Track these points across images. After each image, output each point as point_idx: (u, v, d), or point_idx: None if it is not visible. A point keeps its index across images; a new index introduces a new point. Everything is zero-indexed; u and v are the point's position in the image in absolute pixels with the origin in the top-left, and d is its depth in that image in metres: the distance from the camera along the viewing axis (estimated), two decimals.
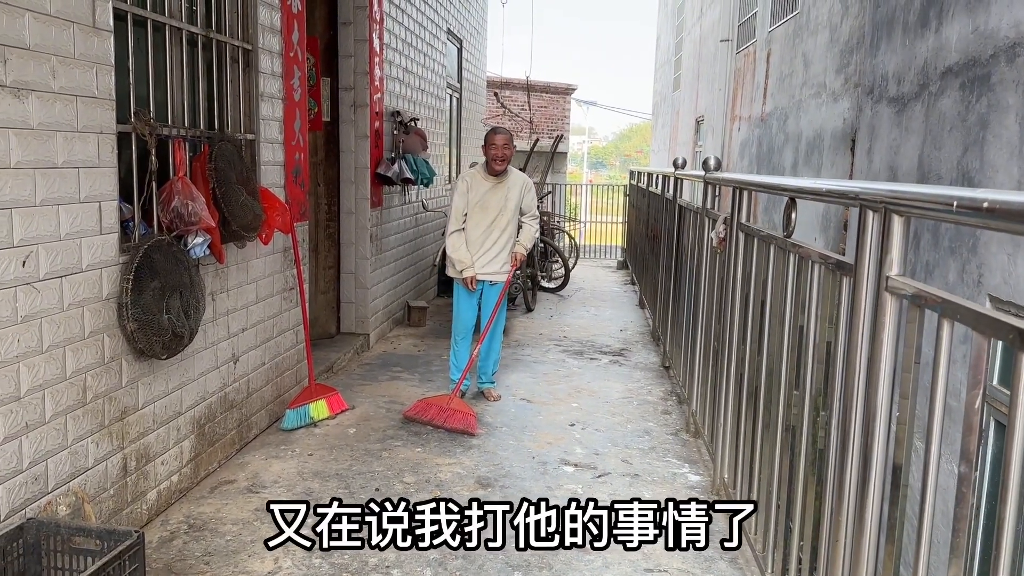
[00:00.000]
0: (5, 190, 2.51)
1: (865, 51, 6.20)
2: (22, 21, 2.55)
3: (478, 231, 5.10)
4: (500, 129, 5.11)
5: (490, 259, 5.15)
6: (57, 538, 2.56)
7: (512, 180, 5.17)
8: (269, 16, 4.37)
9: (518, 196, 5.17)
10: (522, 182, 5.21)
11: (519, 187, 5.18)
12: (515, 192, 5.16)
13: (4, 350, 2.54)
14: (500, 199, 5.10)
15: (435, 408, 4.72)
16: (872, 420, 1.89)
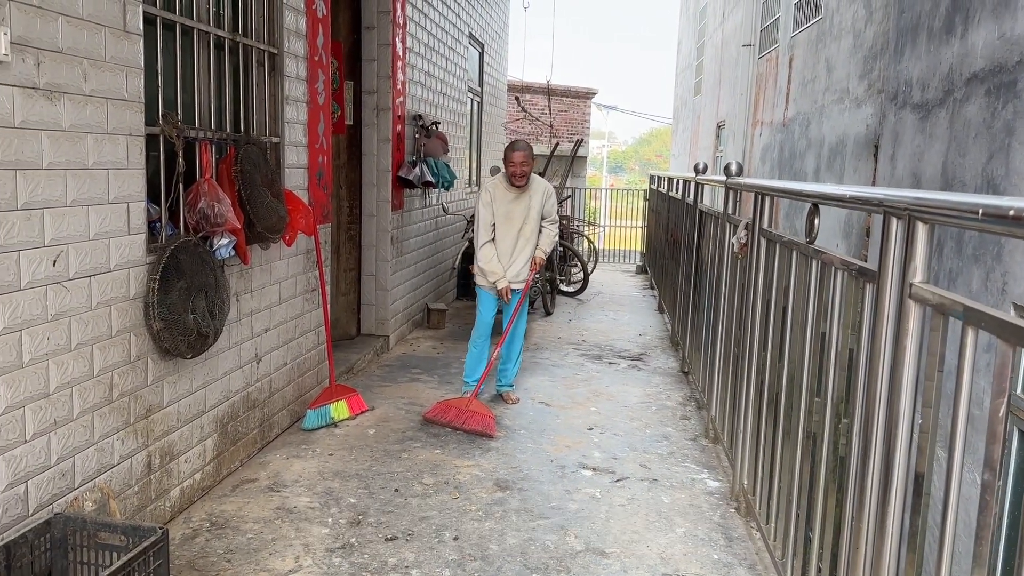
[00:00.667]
0: (37, 191, 2.56)
1: (889, 57, 6.17)
2: (55, 25, 2.60)
3: (506, 242, 5.15)
4: (518, 144, 5.09)
5: (519, 268, 5.20)
6: (83, 533, 2.60)
7: (534, 188, 5.19)
8: (295, 20, 4.42)
9: (540, 204, 5.20)
10: (543, 189, 5.23)
11: (541, 194, 5.21)
12: (537, 200, 5.19)
13: (35, 348, 2.59)
14: (523, 208, 5.14)
15: (454, 410, 4.74)
16: (894, 428, 1.89)
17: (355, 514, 3.56)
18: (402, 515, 3.57)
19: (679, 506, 3.77)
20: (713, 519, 3.64)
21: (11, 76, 2.42)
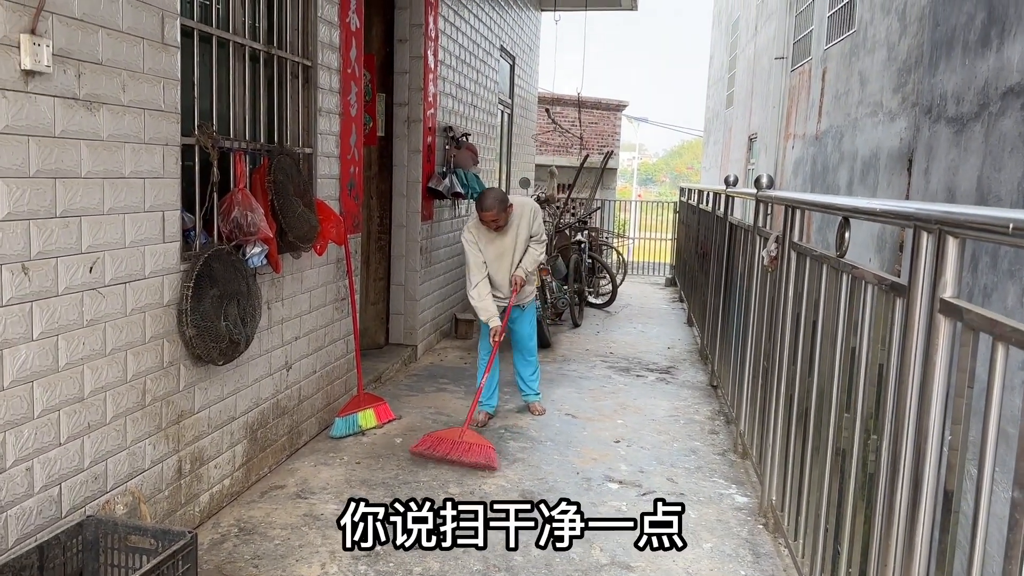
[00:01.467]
0: (76, 199, 2.62)
1: (923, 70, 6.10)
2: (96, 37, 2.67)
3: (500, 275, 5.03)
4: (486, 204, 4.81)
5: (524, 292, 5.14)
6: (114, 536, 2.64)
7: (517, 218, 4.99)
8: (328, 34, 4.48)
9: (527, 229, 5.03)
10: (528, 212, 5.02)
11: (526, 219, 5.01)
12: (523, 227, 5.01)
13: (70, 352, 2.64)
14: (511, 240, 4.99)
15: (447, 443, 4.35)
16: (924, 444, 1.86)
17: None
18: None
19: (706, 521, 3.74)
20: (741, 535, 3.60)
21: (52, 87, 2.49)
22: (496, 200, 4.83)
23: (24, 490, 2.49)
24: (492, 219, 4.83)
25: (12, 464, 2.43)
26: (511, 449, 4.61)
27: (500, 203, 4.82)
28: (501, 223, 4.87)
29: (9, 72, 2.33)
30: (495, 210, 4.80)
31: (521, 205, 5.02)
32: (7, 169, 2.34)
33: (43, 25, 2.43)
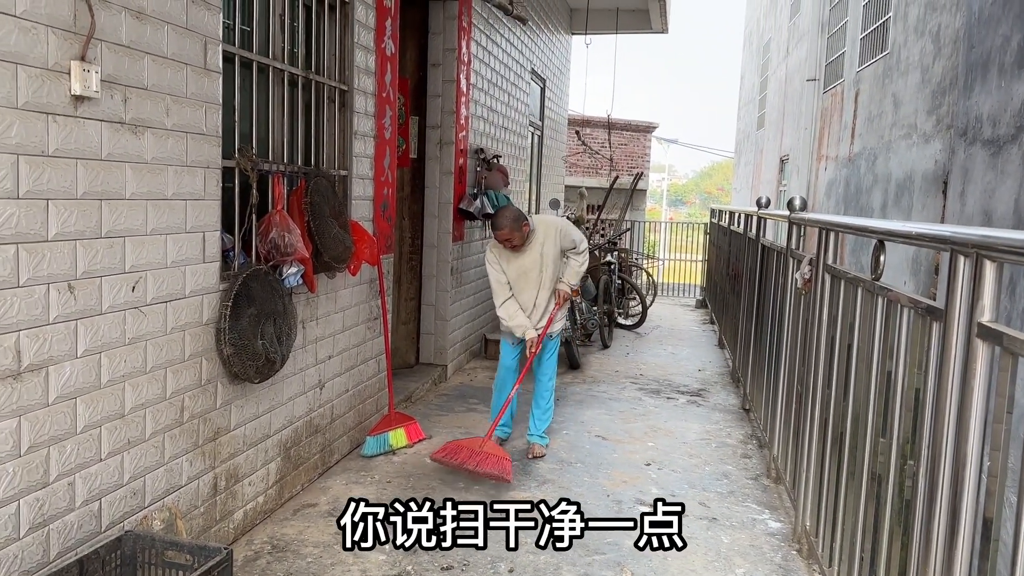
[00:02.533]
0: (120, 219, 2.69)
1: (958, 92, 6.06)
2: (142, 63, 2.75)
3: (526, 294, 4.87)
4: (498, 223, 4.68)
5: (540, 316, 4.93)
6: (152, 551, 2.69)
7: (541, 236, 4.81)
8: (364, 59, 4.57)
9: (554, 247, 4.83)
10: (553, 231, 4.83)
11: (552, 237, 4.81)
12: (549, 246, 4.81)
13: (112, 370, 2.70)
14: (535, 259, 4.81)
15: (466, 451, 4.37)
16: (962, 470, 1.85)
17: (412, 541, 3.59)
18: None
19: (739, 546, 3.70)
20: (774, 560, 3.56)
21: (100, 111, 2.57)
22: (508, 219, 4.67)
23: (66, 504, 2.54)
24: (505, 238, 4.69)
25: (55, 479, 2.49)
26: (541, 470, 4.61)
27: (514, 221, 4.66)
28: (516, 242, 4.71)
29: (60, 97, 2.41)
30: (507, 228, 4.65)
31: (547, 224, 4.86)
32: (56, 191, 2.41)
33: (92, 52, 2.51)
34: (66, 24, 2.40)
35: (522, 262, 4.82)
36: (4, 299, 2.26)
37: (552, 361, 5.09)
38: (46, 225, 2.39)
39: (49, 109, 2.37)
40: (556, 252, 4.84)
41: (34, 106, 2.31)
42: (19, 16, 2.24)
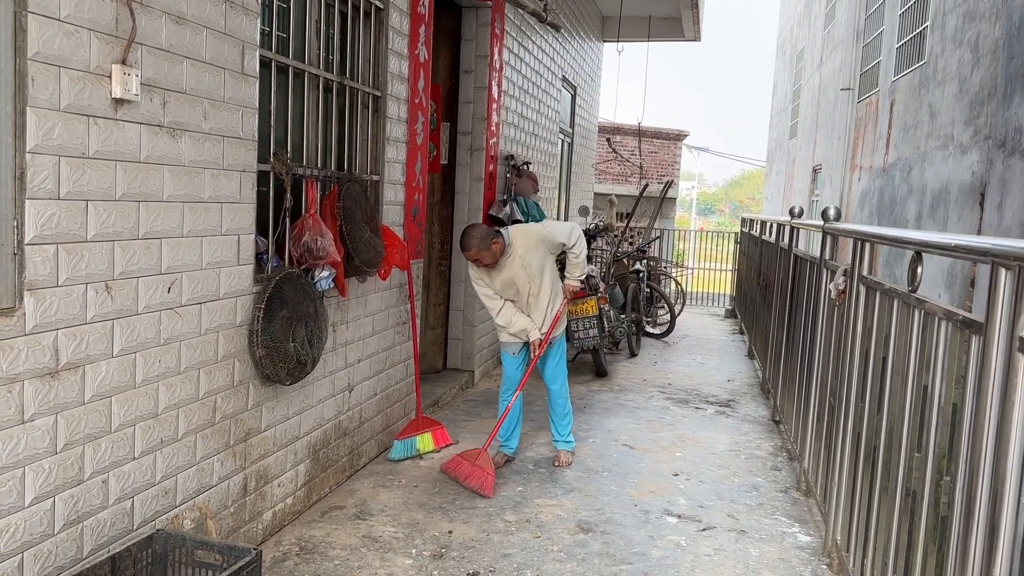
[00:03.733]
0: (157, 221, 2.73)
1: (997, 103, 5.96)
2: (181, 67, 2.79)
3: (518, 305, 4.74)
4: (465, 242, 4.43)
5: (538, 321, 4.74)
6: (182, 550, 2.71)
7: (520, 250, 4.58)
8: (398, 65, 4.60)
9: (537, 256, 4.60)
10: (534, 242, 4.59)
11: (533, 248, 4.59)
12: (532, 257, 4.59)
13: (147, 370, 2.73)
14: (518, 273, 4.60)
15: (465, 464, 4.42)
16: (1001, 487, 1.81)
17: (438, 547, 3.60)
18: (484, 551, 3.58)
19: (768, 560, 3.66)
20: (804, 574, 3.52)
21: (139, 114, 2.61)
22: (475, 239, 4.42)
23: (99, 502, 2.57)
24: (474, 258, 4.48)
25: (89, 476, 2.52)
26: (567, 478, 4.60)
27: (480, 241, 4.41)
28: (487, 261, 4.48)
29: (101, 100, 2.45)
30: (473, 248, 4.42)
31: (525, 235, 4.60)
32: (95, 192, 2.45)
33: (133, 56, 2.55)
34: (108, 28, 2.44)
35: (504, 276, 4.63)
36: (43, 298, 2.30)
37: (560, 366, 4.94)
38: (85, 226, 2.43)
39: (90, 111, 2.41)
40: (542, 261, 4.63)
41: (76, 108, 2.36)
42: (63, 20, 2.29)
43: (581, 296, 6.78)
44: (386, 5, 4.40)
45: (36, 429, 2.31)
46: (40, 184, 2.26)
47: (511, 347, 4.82)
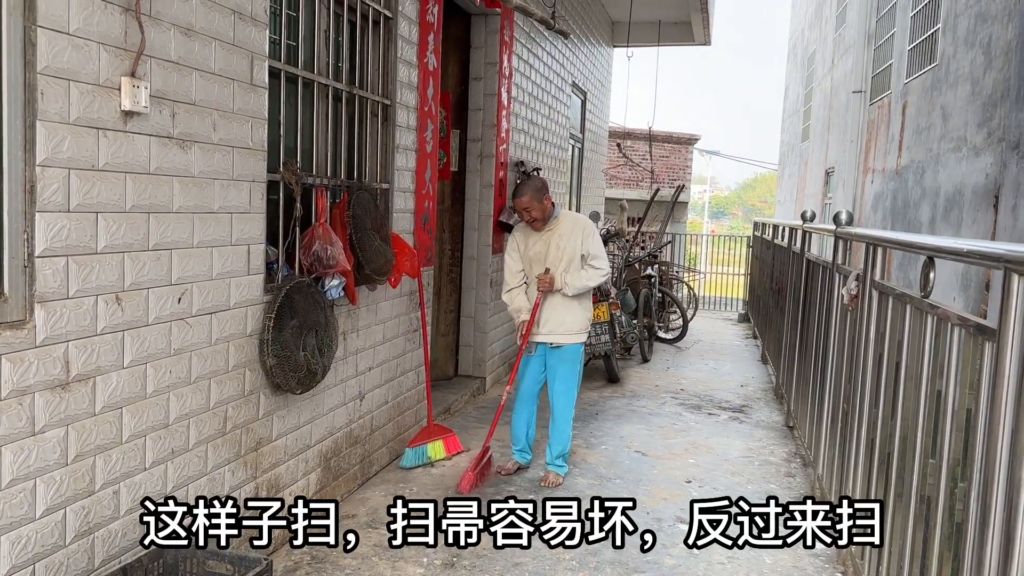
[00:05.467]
0: (167, 232, 2.74)
1: (1010, 104, 5.92)
2: (190, 79, 2.80)
3: (533, 287, 4.61)
4: (519, 190, 4.51)
5: (547, 320, 4.56)
6: (193, 560, 2.71)
7: (562, 227, 4.53)
8: (407, 73, 4.61)
9: (573, 244, 4.50)
10: (578, 227, 4.54)
11: (572, 233, 4.51)
12: (568, 240, 4.50)
13: (158, 380, 2.74)
14: (552, 249, 4.51)
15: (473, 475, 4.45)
16: (1016, 494, 1.79)
17: (449, 556, 3.58)
18: (496, 560, 3.57)
19: (782, 567, 3.63)
20: None
21: (149, 126, 2.62)
22: (530, 188, 4.45)
23: (111, 512, 2.58)
24: (524, 207, 4.45)
25: (100, 487, 2.53)
26: (579, 485, 4.58)
27: (535, 191, 4.43)
28: (535, 214, 4.46)
29: (110, 112, 2.46)
30: (527, 196, 4.43)
31: (575, 219, 4.63)
32: (105, 204, 2.46)
33: (142, 68, 2.56)
34: (117, 41, 2.46)
35: (535, 249, 4.56)
36: (54, 310, 2.31)
37: (569, 381, 4.65)
38: (95, 238, 2.44)
39: (99, 124, 2.42)
40: (572, 253, 4.51)
41: (85, 121, 2.37)
42: (72, 34, 2.30)
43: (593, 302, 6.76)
44: (395, 14, 4.42)
45: (47, 441, 2.32)
46: (50, 197, 2.27)
47: (530, 346, 4.65)
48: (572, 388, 4.68)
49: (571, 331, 4.62)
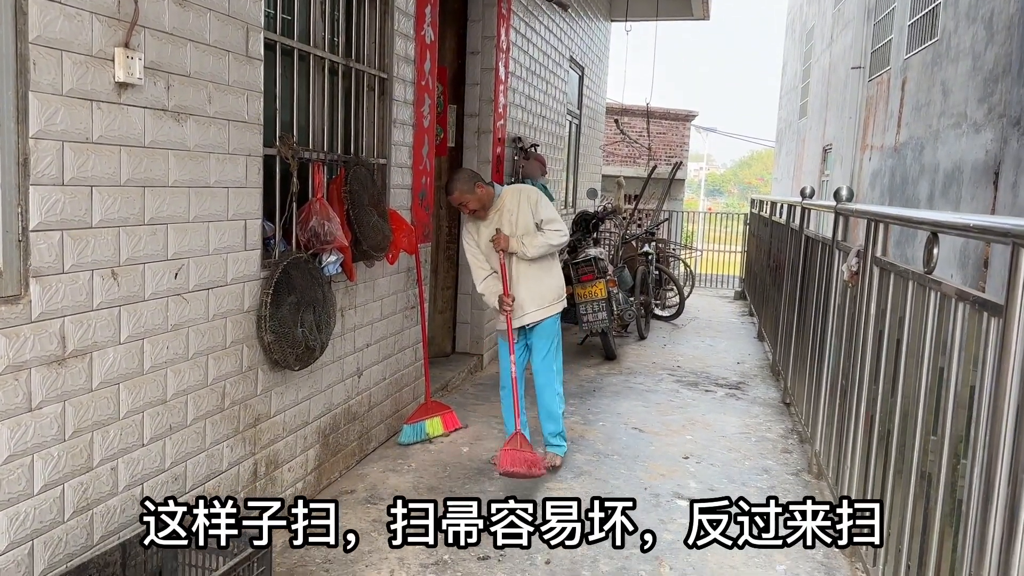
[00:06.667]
0: (163, 207, 2.70)
1: (1012, 79, 5.88)
2: (184, 51, 2.75)
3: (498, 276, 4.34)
4: (448, 186, 4.27)
5: (520, 302, 4.31)
6: None
7: (507, 204, 4.27)
8: (404, 47, 4.55)
9: (523, 218, 4.24)
10: (522, 198, 4.27)
11: (519, 207, 4.25)
12: (516, 215, 4.24)
13: (155, 356, 2.72)
14: (504, 225, 4.27)
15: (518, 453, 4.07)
16: (1020, 471, 1.78)
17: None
18: None
19: None
20: (816, 558, 3.50)
21: (143, 98, 2.57)
22: (458, 181, 4.19)
23: (109, 489, 2.57)
24: (458, 202, 4.21)
25: (99, 463, 2.51)
26: (577, 462, 4.58)
27: (463, 183, 4.17)
28: (472, 206, 4.20)
29: (104, 84, 2.42)
30: (456, 192, 4.18)
31: (517, 192, 4.33)
32: (100, 178, 2.43)
33: (136, 39, 2.51)
34: (110, 11, 2.41)
35: (490, 232, 4.29)
36: (49, 285, 2.28)
37: (548, 356, 4.44)
38: (90, 211, 2.40)
39: (93, 96, 2.38)
40: (527, 223, 4.24)
41: (78, 93, 2.33)
42: (64, 3, 2.25)
43: (589, 279, 6.76)
44: None
45: (44, 417, 2.30)
46: (44, 170, 2.24)
47: (507, 333, 4.38)
48: (552, 362, 4.45)
49: (543, 304, 4.35)
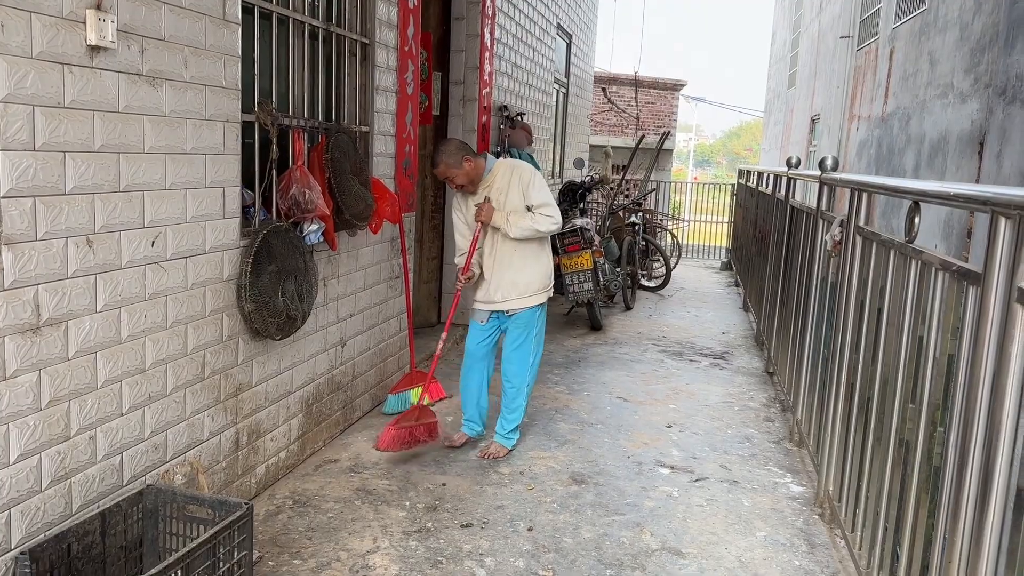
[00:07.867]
0: (138, 173, 2.66)
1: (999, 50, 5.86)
2: (159, 13, 2.69)
3: (485, 248, 4.14)
4: (433, 159, 4.05)
5: (498, 284, 4.09)
6: (173, 505, 2.70)
7: (497, 182, 4.03)
8: (387, 11, 4.47)
9: (513, 198, 3.99)
10: (514, 176, 4.01)
11: (510, 186, 4.00)
12: (506, 195, 4.00)
13: (132, 325, 2.69)
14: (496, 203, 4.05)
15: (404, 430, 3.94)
16: (995, 439, 1.79)
17: (432, 499, 3.60)
18: (477, 503, 3.59)
19: (760, 509, 3.68)
20: (796, 524, 3.54)
21: (116, 62, 2.52)
22: (444, 153, 3.96)
23: (87, 458, 2.55)
24: (443, 176, 4.01)
25: (76, 432, 2.50)
26: (561, 431, 4.60)
27: (450, 156, 3.94)
28: (459, 181, 3.98)
29: (75, 47, 2.36)
30: (441, 164, 3.95)
31: (510, 168, 4.06)
32: (73, 143, 2.38)
33: (108, 1, 2.46)
34: None
35: (473, 210, 4.09)
36: (22, 252, 2.24)
37: (523, 347, 4.15)
38: (63, 178, 2.36)
39: (64, 59, 2.32)
40: (517, 205, 3.99)
41: (49, 56, 2.27)
42: None
43: (576, 249, 6.74)
44: None
45: (19, 385, 2.27)
46: (14, 135, 2.19)
47: (479, 314, 4.22)
48: (526, 354, 4.16)
49: (525, 293, 4.09)
